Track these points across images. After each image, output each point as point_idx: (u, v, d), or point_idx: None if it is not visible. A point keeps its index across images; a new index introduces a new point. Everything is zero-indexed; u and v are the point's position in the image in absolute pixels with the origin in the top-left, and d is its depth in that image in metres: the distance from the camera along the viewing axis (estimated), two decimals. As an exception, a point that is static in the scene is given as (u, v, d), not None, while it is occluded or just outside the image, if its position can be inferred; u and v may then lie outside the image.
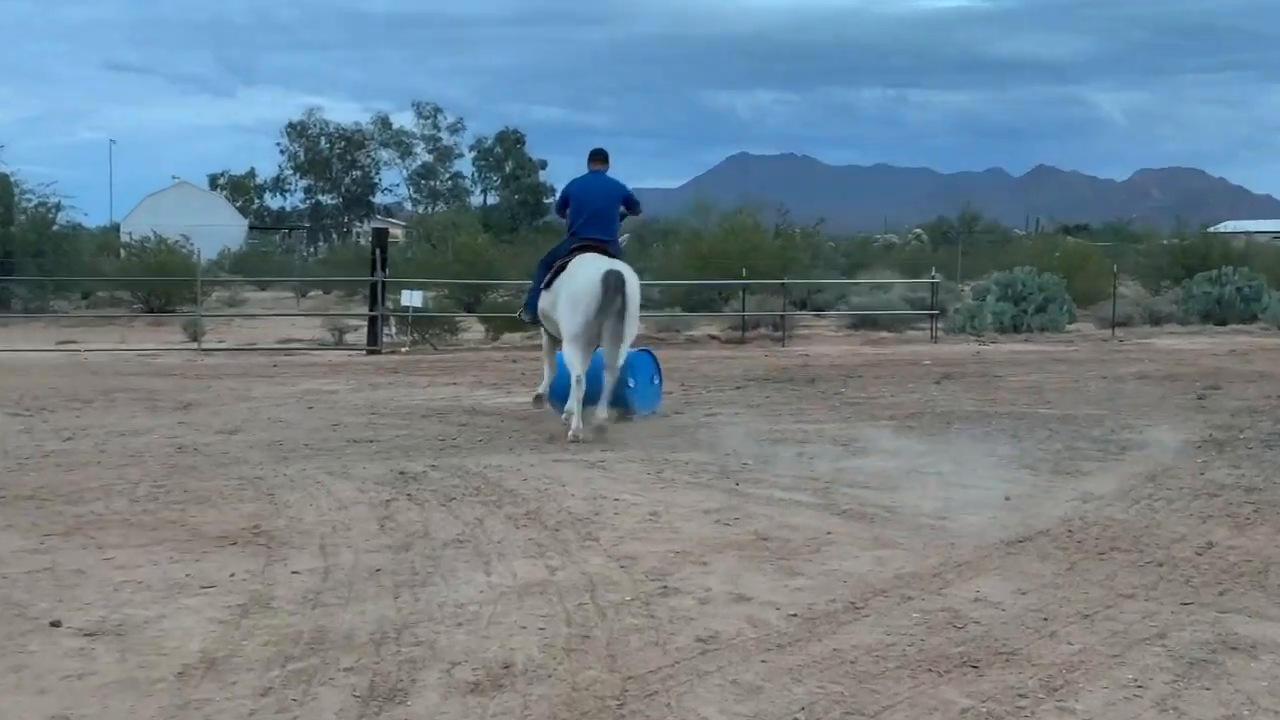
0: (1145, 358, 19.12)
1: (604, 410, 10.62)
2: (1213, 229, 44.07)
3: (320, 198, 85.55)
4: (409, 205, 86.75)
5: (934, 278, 26.53)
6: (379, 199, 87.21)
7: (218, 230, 56.27)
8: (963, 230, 65.90)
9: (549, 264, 11.34)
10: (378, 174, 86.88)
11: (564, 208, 11.55)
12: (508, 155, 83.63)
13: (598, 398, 10.72)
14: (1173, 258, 34.85)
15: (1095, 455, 9.67)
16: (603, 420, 10.54)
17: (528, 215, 78.01)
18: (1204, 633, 5.26)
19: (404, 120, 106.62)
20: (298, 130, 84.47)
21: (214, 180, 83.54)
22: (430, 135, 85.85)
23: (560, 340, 10.95)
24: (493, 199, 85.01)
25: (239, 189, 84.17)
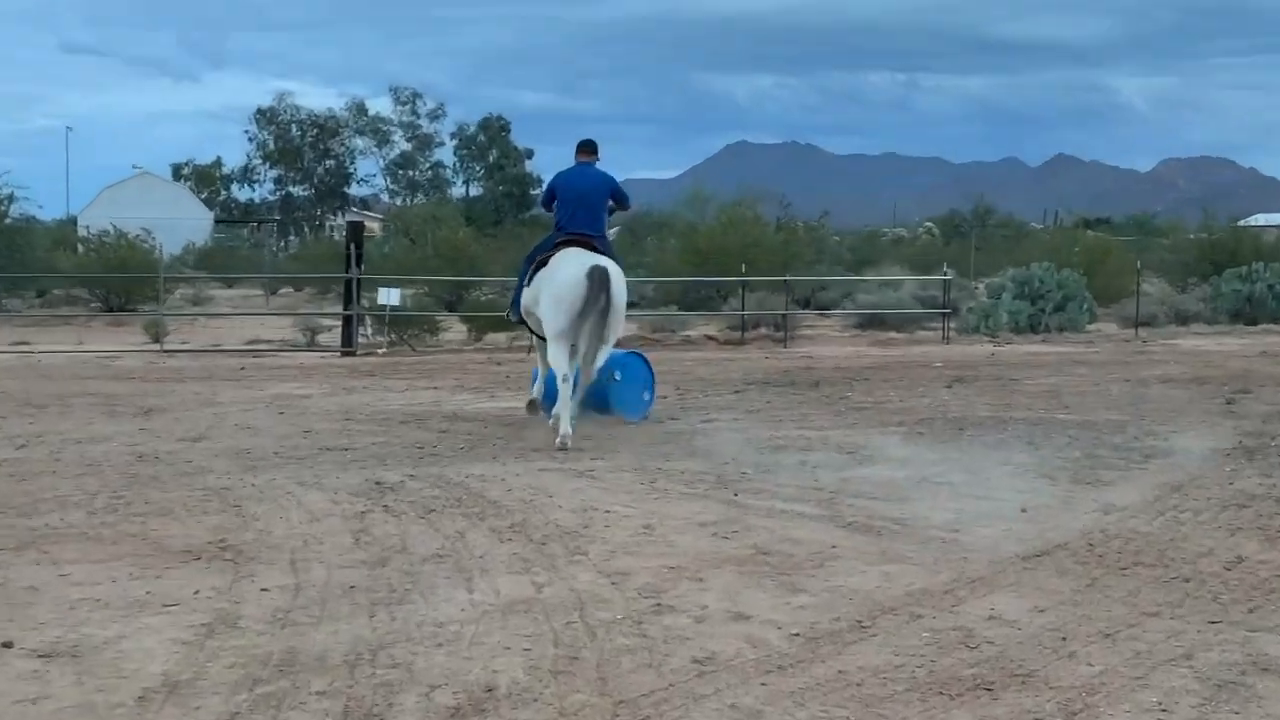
0: (1170, 360, 19.16)
1: (569, 427, 10.39)
2: (1242, 222, 44.30)
3: (291, 189, 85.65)
4: (386, 197, 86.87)
5: (946, 274, 26.59)
6: (354, 190, 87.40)
7: (182, 224, 56.33)
8: (976, 224, 66.04)
9: (533, 259, 11.40)
10: (353, 164, 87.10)
11: (551, 201, 11.62)
12: (491, 143, 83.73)
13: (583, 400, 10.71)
14: (1200, 253, 34.94)
15: (1117, 464, 9.69)
16: (566, 435, 10.30)
17: (513, 208, 78.11)
18: (1233, 653, 5.27)
19: (381, 106, 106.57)
20: (267, 117, 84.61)
21: (178, 170, 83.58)
22: (409, 122, 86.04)
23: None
24: (475, 190, 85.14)
25: (204, 179, 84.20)
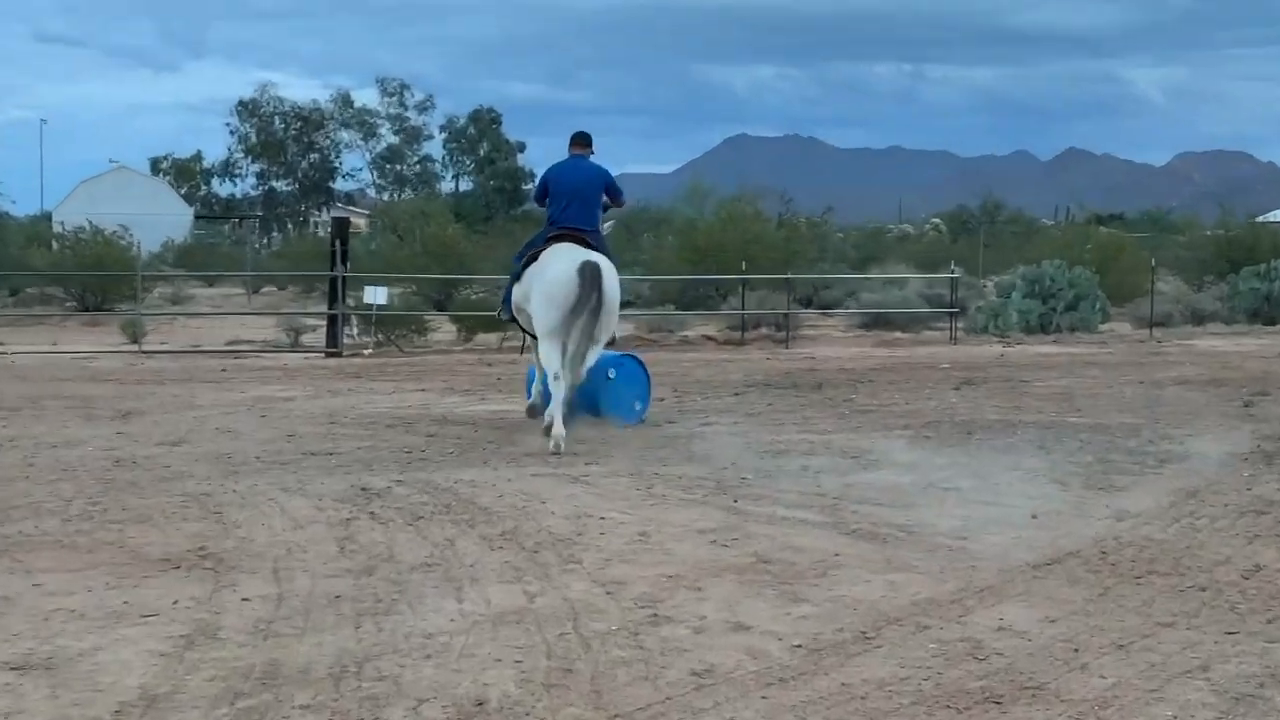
0: (1186, 360, 19.17)
1: (562, 427, 10.39)
2: (1261, 218, 44.30)
3: (274, 184, 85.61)
4: (372, 192, 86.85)
5: (953, 272, 26.60)
6: (339, 185, 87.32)
7: (160, 220, 56.27)
8: (985, 220, 66.10)
9: (525, 255, 11.40)
10: (338, 157, 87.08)
11: (544, 196, 11.61)
12: (482, 136, 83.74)
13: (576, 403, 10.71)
14: (1216, 250, 34.97)
15: (1131, 468, 9.69)
16: (559, 436, 10.29)
17: (504, 203, 78.09)
18: (1251, 665, 5.27)
19: (367, 98, 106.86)
20: (249, 109, 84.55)
21: (156, 164, 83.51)
22: (396, 114, 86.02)
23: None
24: (465, 185, 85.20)
25: (184, 174, 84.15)
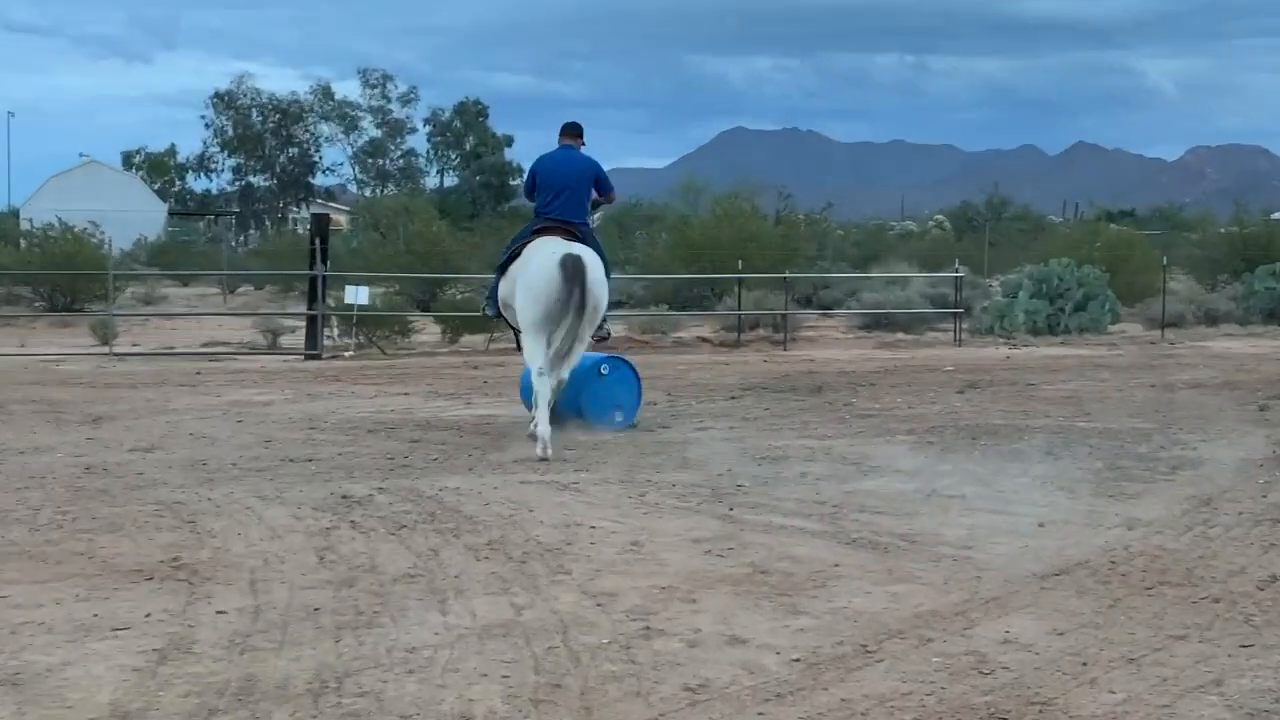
0: (1199, 363, 19.20)
1: (547, 426, 10.44)
2: (1277, 215, 44.34)
3: (251, 179, 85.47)
4: (354, 188, 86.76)
5: (957, 271, 26.63)
6: (319, 180, 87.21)
7: (133, 216, 56.13)
8: (991, 217, 66.15)
9: (512, 249, 11.45)
10: (318, 151, 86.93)
11: (534, 189, 11.62)
12: (468, 130, 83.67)
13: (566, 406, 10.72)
14: (1231, 248, 35.01)
15: (1142, 475, 9.71)
16: (546, 443, 10.31)
17: (491, 199, 78.03)
18: (1266, 679, 5.28)
19: (348, 90, 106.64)
20: (225, 101, 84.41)
21: (128, 159, 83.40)
22: (378, 107, 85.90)
23: None
24: (450, 180, 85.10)
25: (157, 169, 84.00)
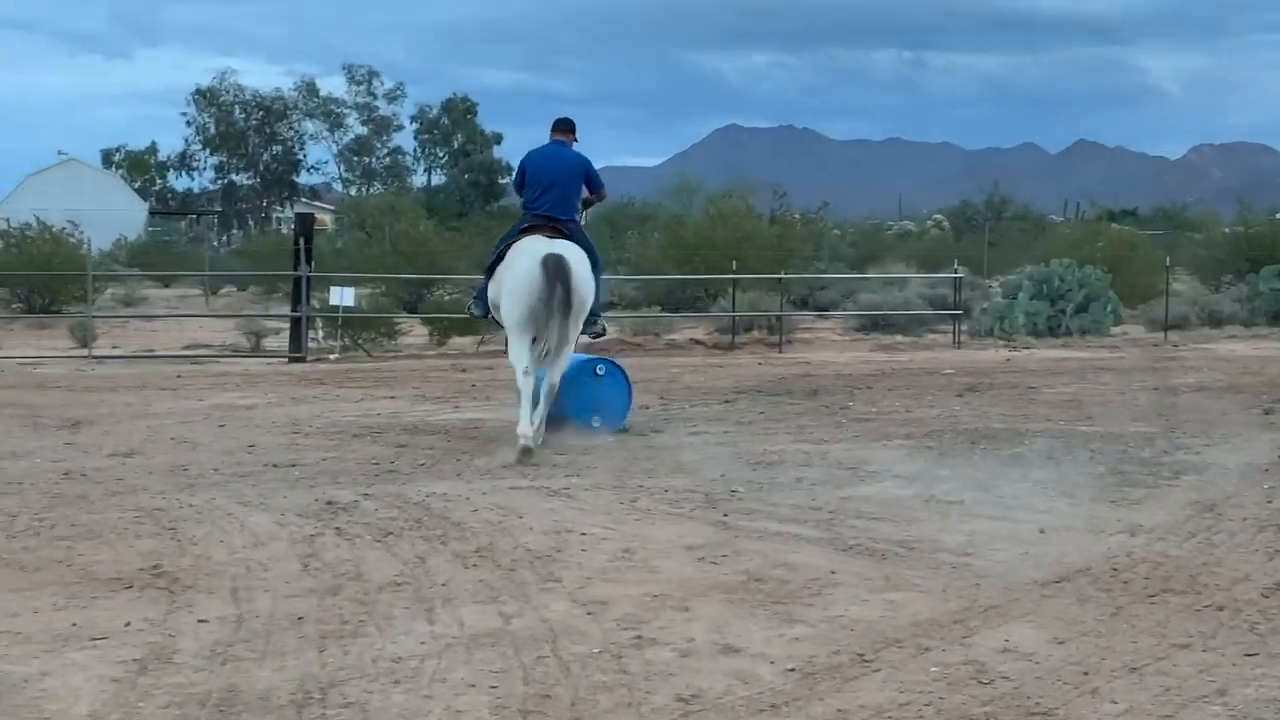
0: (1203, 365, 19.22)
1: (529, 425, 10.50)
2: (1282, 215, 44.34)
3: (234, 177, 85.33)
4: (339, 186, 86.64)
5: (957, 272, 26.63)
6: (304, 179, 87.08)
7: (113, 216, 56.04)
8: (990, 216, 66.15)
9: (499, 249, 11.45)
10: (302, 149, 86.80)
11: (523, 184, 11.62)
12: (455, 127, 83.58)
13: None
14: (1235, 248, 35.00)
15: (1145, 480, 9.72)
16: (526, 435, 10.41)
17: (479, 198, 77.95)
18: (1271, 688, 5.28)
19: (333, 86, 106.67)
20: (207, 98, 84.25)
21: (108, 156, 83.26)
22: (364, 103, 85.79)
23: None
24: (438, 179, 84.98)
25: (138, 167, 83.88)
